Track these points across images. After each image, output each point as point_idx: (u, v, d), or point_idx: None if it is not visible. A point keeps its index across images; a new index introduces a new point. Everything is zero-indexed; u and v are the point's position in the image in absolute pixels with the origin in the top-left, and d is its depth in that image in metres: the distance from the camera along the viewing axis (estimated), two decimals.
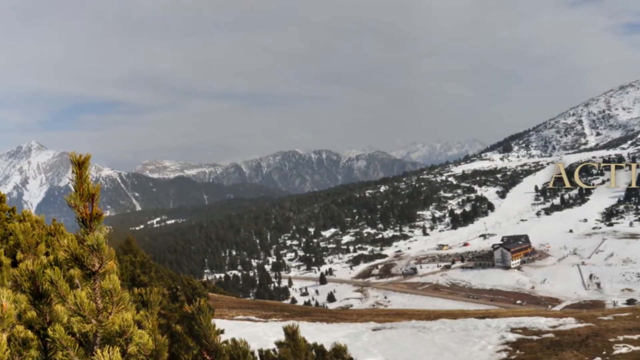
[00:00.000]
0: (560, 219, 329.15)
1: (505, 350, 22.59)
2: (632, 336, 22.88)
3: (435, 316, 33.50)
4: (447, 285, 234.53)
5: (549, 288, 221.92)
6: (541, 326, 26.45)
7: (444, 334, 26.54)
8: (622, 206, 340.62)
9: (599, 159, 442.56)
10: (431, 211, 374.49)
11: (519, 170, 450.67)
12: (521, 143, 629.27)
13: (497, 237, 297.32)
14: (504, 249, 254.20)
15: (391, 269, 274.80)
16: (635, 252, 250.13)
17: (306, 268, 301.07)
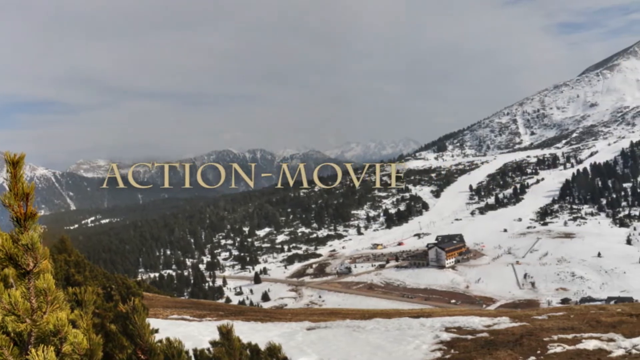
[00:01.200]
0: (494, 219, 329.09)
1: (440, 349, 22.69)
2: (566, 335, 23.41)
3: (369, 315, 34.17)
4: (382, 284, 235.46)
5: (484, 287, 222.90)
6: (476, 325, 26.78)
7: (378, 334, 26.67)
8: (556, 205, 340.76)
9: (534, 158, 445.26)
10: (366, 210, 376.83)
11: (453, 170, 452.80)
12: (456, 142, 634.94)
13: (431, 236, 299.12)
14: (438, 248, 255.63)
15: (326, 268, 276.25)
16: (570, 252, 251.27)
17: (240, 267, 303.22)
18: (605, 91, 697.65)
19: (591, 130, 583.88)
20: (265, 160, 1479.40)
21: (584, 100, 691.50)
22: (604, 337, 23.11)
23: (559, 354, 20.88)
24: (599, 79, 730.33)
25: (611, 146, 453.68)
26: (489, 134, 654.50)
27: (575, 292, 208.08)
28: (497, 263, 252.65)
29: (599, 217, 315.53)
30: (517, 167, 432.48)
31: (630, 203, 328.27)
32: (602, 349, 21.36)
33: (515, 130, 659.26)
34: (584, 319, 27.45)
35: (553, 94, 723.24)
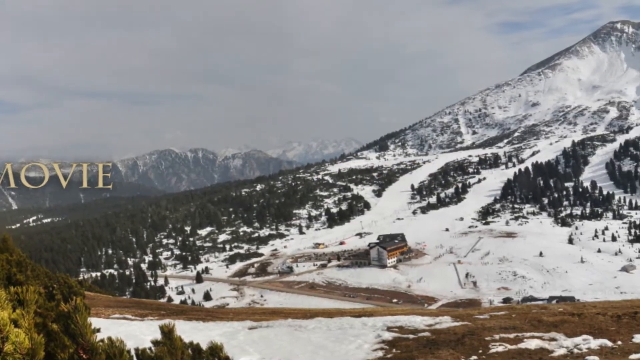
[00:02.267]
0: (436, 218, 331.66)
1: (382, 349, 22.56)
2: (508, 335, 23.36)
3: (311, 315, 34.19)
4: (324, 283, 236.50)
5: (425, 287, 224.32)
6: (417, 325, 26.63)
7: (320, 333, 26.66)
8: (498, 205, 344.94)
9: (475, 157, 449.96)
10: (307, 210, 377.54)
11: (395, 169, 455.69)
12: (397, 142, 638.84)
13: (373, 235, 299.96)
14: (380, 248, 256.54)
15: (267, 267, 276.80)
16: (512, 251, 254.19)
17: (182, 267, 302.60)
18: (547, 90, 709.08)
19: (533, 129, 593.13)
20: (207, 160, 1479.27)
21: (525, 100, 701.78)
22: (545, 336, 23.18)
23: (500, 354, 20.86)
24: (540, 79, 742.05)
25: (553, 145, 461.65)
26: (431, 134, 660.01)
27: (517, 291, 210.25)
28: (438, 262, 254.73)
29: (541, 217, 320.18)
30: (458, 166, 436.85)
31: (571, 202, 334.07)
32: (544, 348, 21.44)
33: (457, 129, 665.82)
34: (526, 319, 27.42)
35: (495, 94, 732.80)
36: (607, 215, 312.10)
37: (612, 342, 22.07)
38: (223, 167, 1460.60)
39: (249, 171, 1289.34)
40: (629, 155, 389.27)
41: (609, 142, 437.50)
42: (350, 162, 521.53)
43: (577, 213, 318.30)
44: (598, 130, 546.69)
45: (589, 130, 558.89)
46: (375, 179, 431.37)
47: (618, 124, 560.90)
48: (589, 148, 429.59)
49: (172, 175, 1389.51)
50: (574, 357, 20.36)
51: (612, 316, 26.86)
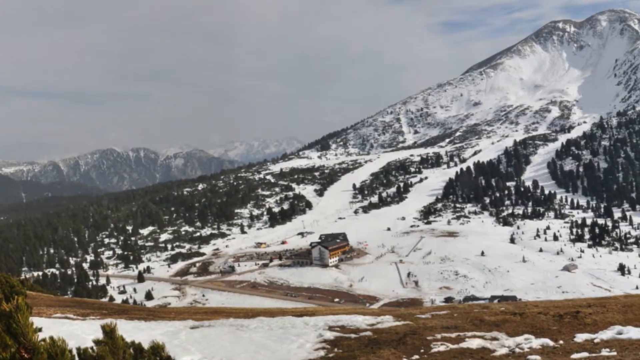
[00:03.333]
0: (378, 217, 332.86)
1: (323, 348, 22.85)
2: (450, 334, 23.64)
3: (253, 314, 34.41)
4: (265, 283, 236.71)
5: (367, 286, 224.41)
6: (359, 324, 26.96)
7: (262, 332, 26.94)
8: (440, 204, 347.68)
9: (417, 157, 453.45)
10: (249, 209, 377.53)
11: (337, 169, 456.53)
12: (339, 141, 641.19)
13: (315, 235, 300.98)
14: (322, 247, 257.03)
15: (209, 267, 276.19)
16: (453, 251, 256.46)
17: (124, 266, 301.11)
18: (489, 90, 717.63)
19: (475, 129, 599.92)
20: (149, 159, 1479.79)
21: (467, 99, 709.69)
22: (487, 336, 23.46)
23: (442, 353, 20.99)
24: (482, 78, 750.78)
25: (494, 145, 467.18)
26: (373, 133, 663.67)
27: (458, 290, 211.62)
28: (380, 262, 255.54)
29: (483, 216, 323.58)
30: (400, 165, 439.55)
31: (513, 202, 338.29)
32: (485, 347, 21.66)
33: (399, 129, 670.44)
34: (468, 318, 27.67)
35: (437, 93, 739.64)
36: (549, 215, 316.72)
37: (554, 341, 22.33)
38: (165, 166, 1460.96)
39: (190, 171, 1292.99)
40: (570, 154, 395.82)
41: (550, 141, 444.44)
42: (292, 161, 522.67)
43: (519, 212, 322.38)
44: (540, 130, 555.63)
45: (531, 129, 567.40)
46: (317, 179, 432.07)
47: (560, 124, 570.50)
48: (530, 147, 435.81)
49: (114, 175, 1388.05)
50: (515, 357, 20.41)
51: (553, 315, 27.26)
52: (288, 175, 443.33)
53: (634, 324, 24.75)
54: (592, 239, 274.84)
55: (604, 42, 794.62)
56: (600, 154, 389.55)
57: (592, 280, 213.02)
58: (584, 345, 21.61)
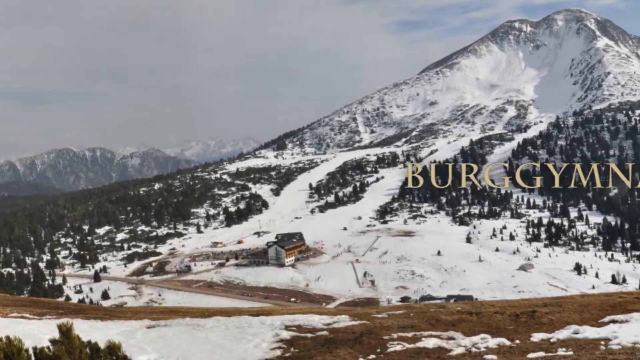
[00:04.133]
0: (335, 217, 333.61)
1: (280, 348, 23.05)
2: (406, 334, 23.89)
3: (209, 314, 34.32)
4: (222, 282, 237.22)
5: (323, 286, 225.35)
6: (315, 324, 27.23)
7: (218, 332, 26.95)
8: (396, 204, 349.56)
9: (374, 156, 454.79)
10: (205, 209, 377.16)
11: (293, 168, 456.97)
12: (295, 141, 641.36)
13: (271, 234, 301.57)
14: (278, 247, 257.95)
15: (165, 266, 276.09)
16: (410, 250, 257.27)
17: (81, 266, 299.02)
18: (445, 89, 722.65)
19: (431, 128, 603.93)
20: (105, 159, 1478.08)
21: (423, 99, 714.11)
22: (443, 335, 23.55)
23: (399, 353, 21.15)
24: (438, 78, 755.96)
25: (451, 144, 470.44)
26: (329, 132, 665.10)
27: (415, 290, 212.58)
28: (337, 261, 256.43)
29: (439, 216, 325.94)
30: (357, 165, 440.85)
31: (470, 201, 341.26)
32: (442, 347, 21.74)
33: (355, 128, 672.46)
34: (424, 318, 27.84)
35: (393, 93, 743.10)
36: (506, 214, 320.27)
37: (511, 341, 22.62)
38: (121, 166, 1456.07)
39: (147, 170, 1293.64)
40: (527, 154, 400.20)
41: (507, 141, 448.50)
42: (248, 161, 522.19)
43: (475, 212, 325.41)
44: (496, 129, 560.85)
45: (487, 129, 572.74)
46: (274, 178, 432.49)
47: (516, 123, 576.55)
48: (487, 147, 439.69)
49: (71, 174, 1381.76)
50: (472, 356, 20.57)
51: (510, 315, 27.60)
52: (244, 174, 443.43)
53: (590, 323, 25.20)
54: (549, 239, 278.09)
55: (561, 42, 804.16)
56: (557, 153, 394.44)
57: (549, 280, 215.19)
58: (541, 345, 21.83)
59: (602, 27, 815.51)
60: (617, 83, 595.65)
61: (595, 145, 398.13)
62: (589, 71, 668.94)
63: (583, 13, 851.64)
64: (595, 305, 29.64)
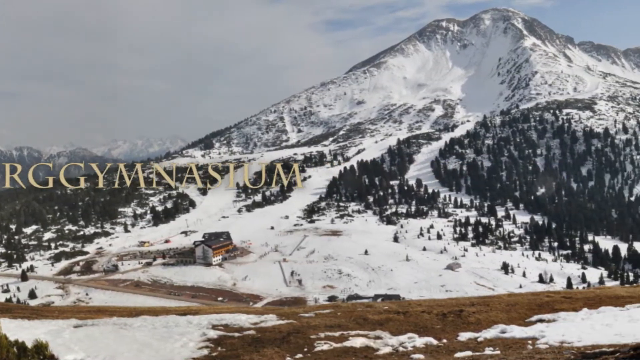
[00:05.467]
0: (262, 216, 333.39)
1: (207, 347, 23.32)
2: (333, 333, 24.46)
3: (136, 313, 34.67)
4: (149, 282, 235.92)
5: (251, 285, 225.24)
6: (243, 323, 27.87)
7: (145, 331, 27.15)
8: (323, 203, 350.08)
9: (301, 155, 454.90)
10: (133, 208, 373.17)
11: (220, 168, 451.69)
12: (223, 140, 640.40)
13: (198, 234, 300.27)
14: (205, 246, 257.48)
15: (93, 265, 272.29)
16: (337, 249, 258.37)
17: (7, 265, 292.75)
18: (373, 89, 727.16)
19: (358, 127, 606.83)
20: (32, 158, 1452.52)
21: (351, 98, 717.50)
22: (371, 334, 23.99)
23: (326, 352, 21.73)
24: (366, 77, 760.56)
25: (378, 144, 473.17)
26: (256, 132, 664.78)
27: (342, 289, 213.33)
28: (264, 260, 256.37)
29: (366, 215, 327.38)
30: (284, 164, 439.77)
31: (397, 201, 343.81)
32: (369, 346, 22.06)
33: (282, 127, 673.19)
34: (351, 317, 28.36)
35: (320, 92, 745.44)
36: (433, 214, 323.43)
37: (438, 340, 23.35)
38: None
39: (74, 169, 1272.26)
40: (454, 153, 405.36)
41: (434, 140, 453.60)
42: (175, 160, 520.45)
43: (402, 211, 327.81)
44: (423, 129, 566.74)
45: (415, 128, 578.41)
46: (201, 177, 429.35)
47: (443, 122, 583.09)
48: (414, 146, 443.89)
49: None
50: (399, 356, 20.94)
51: (437, 314, 28.62)
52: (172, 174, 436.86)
53: (517, 322, 26.37)
54: (476, 238, 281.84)
55: (488, 41, 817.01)
56: (484, 152, 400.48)
57: (476, 279, 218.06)
58: (468, 344, 22.50)
59: (529, 27, 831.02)
60: (545, 82, 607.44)
61: (522, 145, 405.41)
62: (516, 70, 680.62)
63: (510, 12, 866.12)
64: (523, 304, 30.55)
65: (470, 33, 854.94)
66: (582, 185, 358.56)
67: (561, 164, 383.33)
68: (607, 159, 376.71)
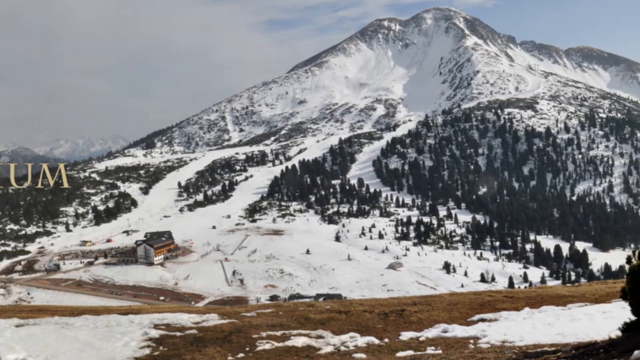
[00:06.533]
0: (203, 215, 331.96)
1: (149, 346, 23.38)
2: (274, 332, 24.73)
3: (78, 312, 34.37)
4: (91, 281, 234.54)
5: (193, 284, 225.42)
6: (184, 322, 27.91)
7: (87, 330, 26.97)
8: (265, 202, 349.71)
9: (243, 155, 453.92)
10: (75, 207, 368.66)
11: (162, 167, 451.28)
12: (165, 139, 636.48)
13: (140, 233, 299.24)
14: (147, 245, 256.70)
15: (34, 265, 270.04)
16: (279, 249, 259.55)
17: None
18: (314, 88, 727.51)
19: (300, 127, 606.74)
20: None
21: (292, 97, 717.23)
22: (312, 334, 24.30)
23: (267, 351, 21.91)
24: (308, 76, 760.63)
25: (320, 143, 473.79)
26: (198, 131, 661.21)
27: (284, 289, 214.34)
28: (206, 260, 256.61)
29: (308, 214, 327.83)
30: (226, 164, 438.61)
31: (339, 200, 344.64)
32: (311, 346, 22.28)
33: (224, 127, 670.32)
34: (293, 316, 28.66)
35: (262, 91, 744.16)
36: (375, 213, 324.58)
37: (379, 339, 23.46)
38: None
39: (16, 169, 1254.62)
40: (395, 152, 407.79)
41: (376, 139, 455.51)
42: (117, 159, 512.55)
43: (344, 211, 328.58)
44: (365, 128, 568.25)
45: (356, 127, 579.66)
46: (143, 177, 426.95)
47: (385, 122, 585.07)
48: (356, 146, 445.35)
49: None
50: (341, 355, 21.05)
51: (379, 314, 28.73)
52: (113, 173, 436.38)
53: (459, 322, 26.49)
54: (418, 237, 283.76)
55: (430, 40, 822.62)
56: (426, 152, 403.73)
57: (418, 279, 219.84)
58: (410, 344, 22.60)
59: (471, 26, 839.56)
60: (486, 82, 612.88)
61: (464, 144, 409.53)
62: (458, 70, 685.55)
63: (452, 12, 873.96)
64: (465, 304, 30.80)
65: (412, 32, 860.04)
66: (524, 184, 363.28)
67: (503, 163, 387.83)
68: (548, 159, 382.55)
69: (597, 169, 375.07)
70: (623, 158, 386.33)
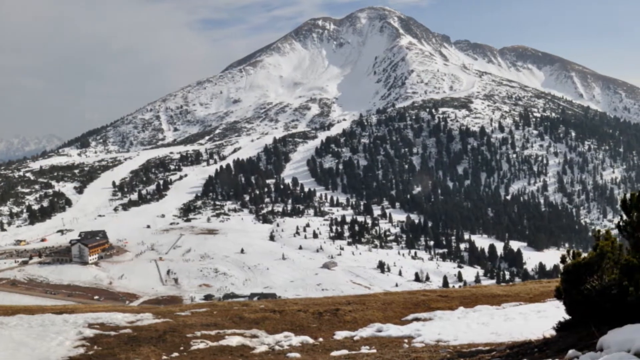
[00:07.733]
0: (138, 215, 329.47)
1: (83, 345, 23.19)
2: (209, 332, 24.83)
3: (12, 312, 33.42)
4: (25, 280, 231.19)
5: (127, 284, 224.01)
6: (119, 322, 27.70)
7: (21, 330, 26.61)
8: (199, 202, 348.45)
9: (177, 154, 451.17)
10: (9, 207, 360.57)
11: (96, 166, 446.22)
12: (99, 139, 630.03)
13: (75, 232, 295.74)
14: (81, 245, 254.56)
15: None
16: (213, 248, 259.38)
17: None
18: (249, 88, 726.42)
19: (234, 126, 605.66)
20: None
21: (227, 97, 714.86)
22: (247, 333, 24.43)
23: (202, 350, 21.93)
24: (242, 75, 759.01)
25: (254, 142, 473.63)
26: (133, 130, 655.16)
27: (218, 288, 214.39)
28: (140, 259, 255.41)
29: (242, 213, 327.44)
30: (160, 163, 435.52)
31: (273, 199, 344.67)
32: (245, 345, 22.41)
33: (158, 126, 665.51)
34: (227, 316, 28.71)
35: (196, 91, 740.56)
36: (309, 212, 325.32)
37: (314, 338, 23.72)
38: None
39: None
40: (330, 152, 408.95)
41: (310, 139, 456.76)
42: (52, 158, 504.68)
43: (278, 210, 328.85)
44: (299, 127, 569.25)
45: (291, 127, 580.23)
46: (77, 176, 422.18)
47: (320, 121, 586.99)
48: (290, 145, 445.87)
49: None
50: (275, 354, 21.23)
51: (313, 313, 28.99)
52: (48, 172, 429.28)
53: (394, 321, 26.63)
54: (352, 237, 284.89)
55: (364, 40, 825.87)
56: (360, 151, 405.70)
57: (352, 278, 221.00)
58: (344, 343, 22.73)
59: (405, 25, 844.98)
60: (421, 81, 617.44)
61: (398, 143, 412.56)
62: (392, 69, 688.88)
63: (386, 11, 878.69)
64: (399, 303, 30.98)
65: (346, 32, 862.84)
66: (458, 184, 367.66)
67: (437, 162, 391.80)
68: (483, 158, 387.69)
69: (532, 169, 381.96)
70: (557, 157, 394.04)
